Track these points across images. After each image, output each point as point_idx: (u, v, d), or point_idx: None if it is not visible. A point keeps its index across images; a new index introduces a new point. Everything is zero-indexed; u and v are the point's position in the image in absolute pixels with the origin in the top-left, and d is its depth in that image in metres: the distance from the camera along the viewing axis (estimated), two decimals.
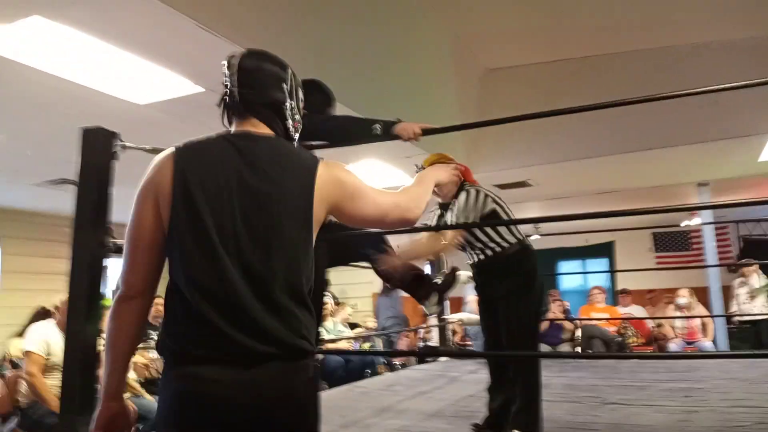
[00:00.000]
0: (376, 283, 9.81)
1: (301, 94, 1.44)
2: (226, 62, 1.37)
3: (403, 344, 7.57)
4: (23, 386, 3.65)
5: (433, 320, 6.16)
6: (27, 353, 3.61)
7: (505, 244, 2.65)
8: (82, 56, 3.24)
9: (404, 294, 8.81)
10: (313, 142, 2.41)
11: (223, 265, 1.20)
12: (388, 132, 2.34)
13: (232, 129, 1.37)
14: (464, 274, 4.97)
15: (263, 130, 1.35)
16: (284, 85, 1.38)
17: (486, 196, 2.71)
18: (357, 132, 2.40)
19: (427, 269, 7.65)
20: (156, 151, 2.27)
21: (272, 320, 1.21)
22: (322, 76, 3.76)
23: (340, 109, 2.73)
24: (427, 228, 2.76)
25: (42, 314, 4.13)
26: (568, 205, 8.17)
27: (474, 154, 6.24)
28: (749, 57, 5.05)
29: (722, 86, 1.96)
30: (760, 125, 5.38)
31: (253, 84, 1.35)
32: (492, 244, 2.67)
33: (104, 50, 3.17)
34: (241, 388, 1.17)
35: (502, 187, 6.99)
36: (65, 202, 2.69)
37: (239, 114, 1.37)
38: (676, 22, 5.09)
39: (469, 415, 3.09)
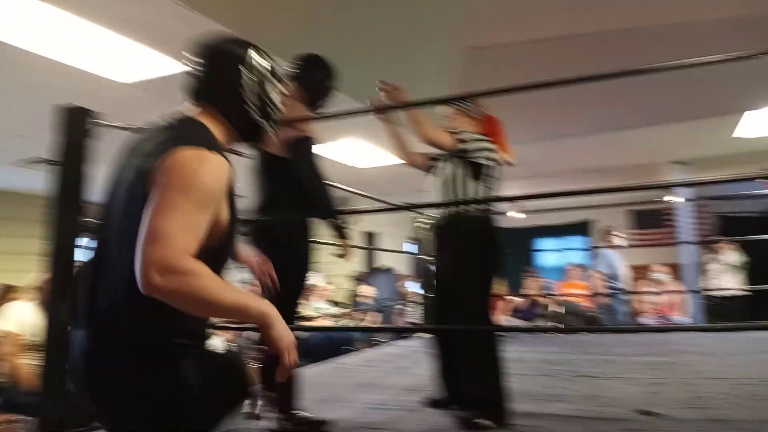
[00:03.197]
0: (359, 263, 9.89)
1: (272, 77, 1.40)
2: (187, 48, 1.37)
3: (399, 321, 7.69)
4: (4, 366, 3.64)
5: (417, 297, 6.24)
6: (5, 333, 3.59)
7: (472, 207, 2.51)
8: (64, 35, 3.20)
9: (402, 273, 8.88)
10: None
11: None
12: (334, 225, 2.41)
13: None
14: None
15: (210, 115, 1.34)
16: (242, 68, 1.35)
17: (486, 148, 2.54)
18: (317, 202, 2.35)
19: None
20: (133, 130, 2.27)
21: None
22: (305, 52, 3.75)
23: None
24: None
25: (5, 292, 4.06)
26: (547, 184, 8.25)
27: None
28: (729, 37, 5.11)
29: (692, 60, 1.97)
30: (734, 103, 5.47)
31: (209, 68, 1.35)
32: (461, 198, 2.53)
33: (86, 29, 3.14)
34: None
35: None
36: (42, 181, 2.68)
37: (194, 98, 1.37)
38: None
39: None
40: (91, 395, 1.25)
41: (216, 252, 1.25)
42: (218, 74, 1.34)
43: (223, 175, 1.22)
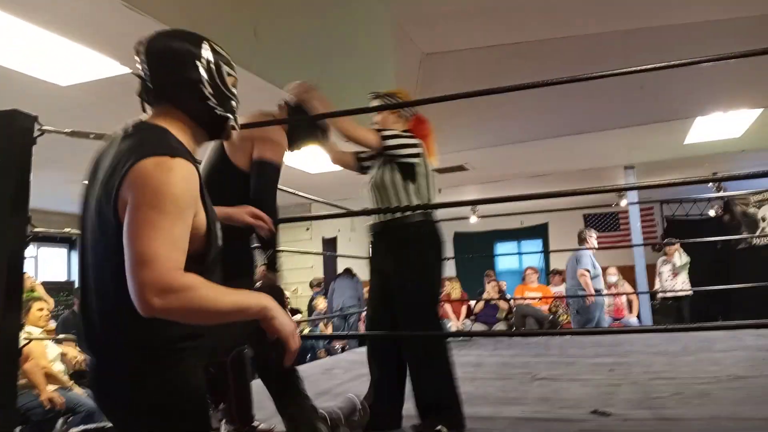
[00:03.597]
0: (317, 269, 9.82)
1: (226, 68, 1.37)
2: (135, 48, 1.32)
3: (363, 327, 7.64)
4: None
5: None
6: None
7: (408, 212, 2.41)
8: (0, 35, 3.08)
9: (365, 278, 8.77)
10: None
11: None
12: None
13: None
14: None
15: (170, 116, 1.30)
16: (198, 62, 1.30)
17: (411, 144, 2.43)
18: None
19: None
20: (77, 134, 2.20)
21: None
22: (260, 59, 3.71)
23: (276, 93, 2.67)
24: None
25: None
26: (504, 188, 8.38)
27: None
28: (680, 43, 5.29)
29: (644, 67, 2.01)
30: (685, 109, 5.65)
31: (162, 67, 1.30)
32: (395, 203, 2.43)
33: (22, 29, 3.02)
34: None
35: (441, 171, 7.09)
36: None
37: (150, 101, 1.33)
38: (609, 7, 5.25)
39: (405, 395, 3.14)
40: (103, 405, 1.32)
41: (200, 257, 1.24)
42: (174, 73, 1.29)
43: (192, 180, 1.19)
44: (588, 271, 6.01)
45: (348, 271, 8.49)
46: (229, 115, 1.37)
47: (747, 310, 6.80)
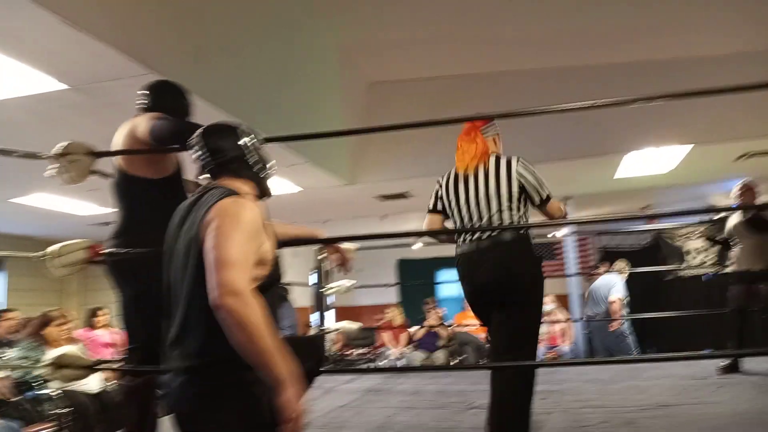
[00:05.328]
0: None
1: (257, 141, 1.77)
2: (192, 143, 1.72)
3: None
4: None
5: (313, 330, 6.12)
6: None
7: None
8: None
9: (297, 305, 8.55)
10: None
11: None
12: None
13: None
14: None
15: (230, 180, 1.67)
16: (240, 143, 1.72)
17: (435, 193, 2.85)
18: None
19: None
20: (2, 152, 2.12)
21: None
22: (202, 81, 3.65)
23: (222, 118, 2.65)
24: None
25: None
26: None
27: (356, 166, 6.34)
28: (615, 81, 5.55)
29: (578, 104, 2.12)
30: (617, 144, 5.90)
31: (219, 154, 1.69)
32: None
33: None
34: None
35: (384, 198, 7.13)
36: None
37: (213, 175, 1.70)
38: (548, 44, 5.46)
39: (339, 425, 3.12)
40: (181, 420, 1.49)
41: (265, 284, 1.51)
42: (226, 153, 1.69)
43: (258, 216, 1.54)
44: (619, 298, 6.20)
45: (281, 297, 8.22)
46: (268, 172, 1.77)
47: (674, 340, 7.06)
